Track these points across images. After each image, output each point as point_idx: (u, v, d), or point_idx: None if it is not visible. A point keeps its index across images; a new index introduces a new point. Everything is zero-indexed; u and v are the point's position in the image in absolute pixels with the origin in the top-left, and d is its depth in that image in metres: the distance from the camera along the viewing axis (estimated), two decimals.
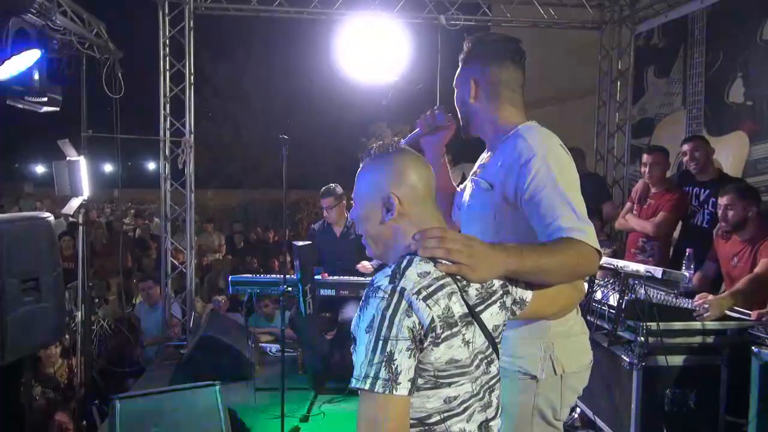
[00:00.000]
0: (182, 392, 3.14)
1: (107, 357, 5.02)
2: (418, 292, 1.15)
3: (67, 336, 4.51)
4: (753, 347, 2.60)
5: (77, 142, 4.45)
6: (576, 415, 3.48)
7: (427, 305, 1.14)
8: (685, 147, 3.83)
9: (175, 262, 5.59)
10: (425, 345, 1.15)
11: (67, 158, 4.18)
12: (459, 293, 1.22)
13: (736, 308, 2.99)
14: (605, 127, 6.26)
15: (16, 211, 8.35)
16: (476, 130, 1.77)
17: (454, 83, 1.78)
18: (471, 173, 1.80)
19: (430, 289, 1.16)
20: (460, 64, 1.76)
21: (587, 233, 1.44)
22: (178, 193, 5.50)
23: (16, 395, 3.31)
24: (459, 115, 1.80)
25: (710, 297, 2.83)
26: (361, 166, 1.36)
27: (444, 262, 1.21)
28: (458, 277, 1.23)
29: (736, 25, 4.50)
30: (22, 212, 4.89)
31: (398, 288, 1.14)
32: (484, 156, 1.79)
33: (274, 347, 5.06)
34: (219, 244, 9.75)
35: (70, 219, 4.35)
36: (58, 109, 3.75)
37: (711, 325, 2.81)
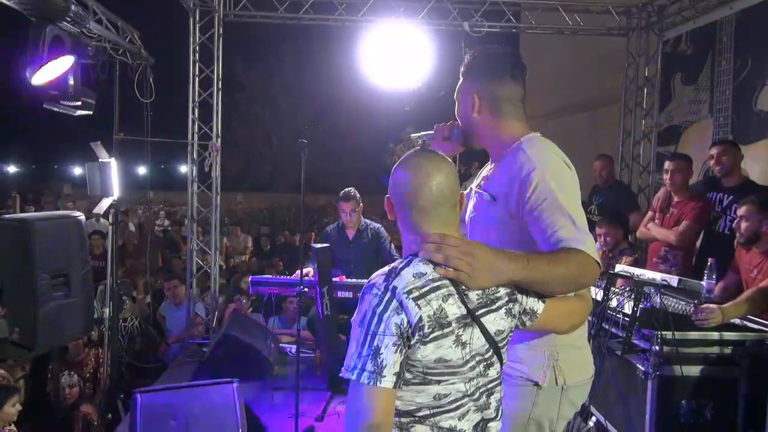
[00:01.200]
0: (201, 388, 3.22)
1: (134, 353, 5.17)
2: (410, 292, 1.20)
3: (95, 332, 4.67)
4: None
5: (109, 145, 4.62)
6: (592, 425, 3.45)
7: (417, 305, 1.20)
8: (714, 150, 3.77)
9: (201, 262, 5.72)
10: (413, 342, 1.20)
11: (99, 160, 4.35)
12: (457, 296, 1.25)
13: (755, 319, 2.94)
14: (631, 134, 6.18)
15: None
16: (479, 142, 1.79)
17: (455, 96, 1.81)
18: (475, 185, 1.82)
19: (423, 290, 1.21)
20: (461, 78, 1.79)
21: (587, 244, 1.46)
22: (206, 195, 5.65)
23: (44, 386, 3.47)
24: (461, 127, 1.82)
25: (712, 305, 2.79)
26: (393, 167, 1.42)
27: (442, 266, 1.25)
28: None
29: (765, 31, 4.41)
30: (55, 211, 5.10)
31: (390, 286, 1.21)
32: (488, 167, 1.82)
33: (294, 348, 5.14)
34: (245, 246, 9.92)
35: (107, 221, 4.51)
36: (91, 112, 3.91)
37: (729, 335, 2.77)
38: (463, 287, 1.26)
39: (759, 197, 3.19)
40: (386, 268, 1.27)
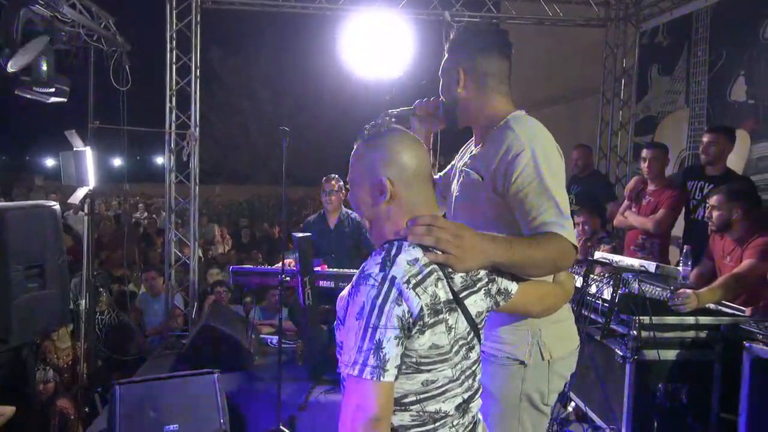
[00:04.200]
0: (181, 379, 3.20)
1: (110, 346, 5.09)
2: (408, 281, 1.16)
3: (71, 324, 4.59)
4: (745, 342, 2.61)
5: (84, 134, 4.52)
6: (571, 409, 3.50)
7: (417, 294, 1.16)
8: (705, 137, 3.80)
9: (179, 253, 5.65)
10: (413, 333, 1.17)
11: (74, 148, 4.25)
12: (445, 279, 1.23)
13: (728, 304, 3.01)
14: (609, 124, 6.26)
15: None
16: (463, 119, 1.77)
17: (440, 72, 1.78)
18: (461, 163, 1.81)
19: (419, 277, 1.18)
20: (446, 54, 1.76)
21: (567, 229, 1.48)
22: (183, 186, 5.56)
23: (19, 379, 3.40)
24: (445, 105, 1.79)
25: (688, 291, 2.85)
26: (354, 148, 1.36)
27: (433, 250, 1.23)
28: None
29: (739, 23, 4.50)
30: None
31: (389, 276, 1.16)
32: (473, 147, 1.80)
33: (275, 339, 5.12)
34: (214, 236, 9.81)
35: (82, 212, 4.41)
36: (65, 100, 3.82)
37: (704, 320, 2.83)
38: (448, 270, 1.25)
39: (729, 187, 3.25)
40: (378, 257, 1.22)
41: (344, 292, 1.26)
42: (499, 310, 1.44)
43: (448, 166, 1.95)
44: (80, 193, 4.29)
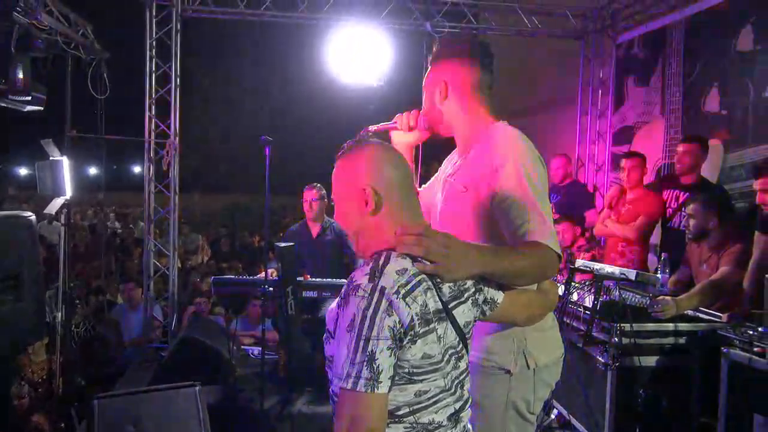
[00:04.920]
0: (162, 392, 3.13)
1: (87, 358, 4.98)
2: (398, 291, 1.16)
3: (47, 337, 4.48)
4: (722, 347, 2.66)
5: (61, 143, 4.44)
6: (554, 417, 3.53)
7: (407, 304, 1.16)
8: (680, 148, 3.89)
9: (159, 264, 5.57)
10: (404, 343, 1.17)
11: (50, 158, 4.17)
12: (434, 289, 1.23)
13: (706, 310, 3.07)
14: (587, 134, 6.36)
15: None
16: (447, 131, 1.79)
17: (424, 84, 1.80)
18: (445, 174, 1.82)
19: (408, 287, 1.18)
20: (429, 66, 1.79)
21: (551, 238, 1.50)
22: (162, 195, 5.49)
23: None
24: (428, 117, 1.81)
25: (667, 298, 2.91)
26: (335, 165, 1.36)
27: (422, 260, 1.23)
28: None
29: (712, 36, 4.62)
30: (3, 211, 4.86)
31: (378, 286, 1.15)
32: (456, 157, 1.82)
33: (257, 350, 5.06)
34: (197, 246, 9.71)
35: (59, 223, 4.33)
36: (41, 108, 3.75)
37: (683, 326, 2.88)
38: (437, 280, 1.25)
39: (705, 196, 3.33)
40: (366, 267, 1.21)
41: (333, 305, 1.25)
42: (485, 319, 1.45)
43: (432, 179, 1.95)
44: (57, 203, 4.20)
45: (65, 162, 4.20)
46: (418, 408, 1.23)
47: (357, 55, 5.43)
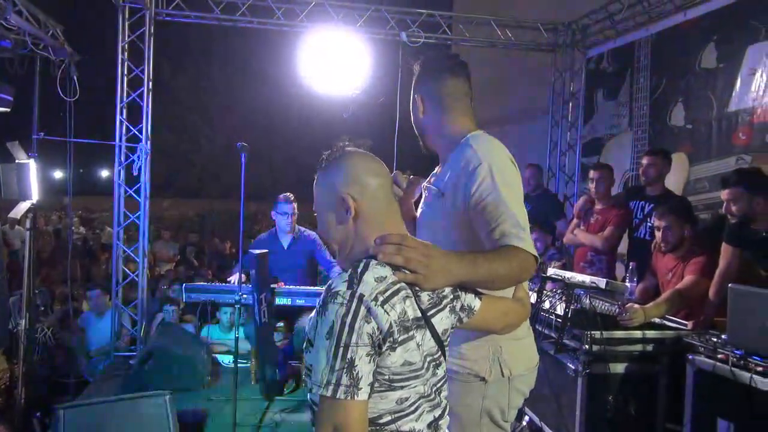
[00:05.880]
0: (131, 401, 3.06)
1: (50, 367, 4.84)
2: (376, 298, 1.16)
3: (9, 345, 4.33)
4: (688, 354, 2.74)
5: (28, 145, 4.33)
6: (525, 424, 3.57)
7: (385, 311, 1.17)
8: (644, 160, 3.98)
9: (127, 270, 5.45)
10: (383, 350, 1.17)
11: (17, 161, 4.07)
12: (413, 297, 1.24)
13: (672, 318, 3.16)
14: (557, 145, 6.50)
15: None
16: (430, 143, 1.84)
17: (410, 106, 1.86)
18: (426, 182, 1.85)
19: (387, 294, 1.18)
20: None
21: (526, 241, 1.52)
22: (132, 200, 5.39)
23: None
24: (417, 133, 1.87)
25: (636, 306, 2.99)
26: (315, 178, 1.37)
27: (401, 270, 1.24)
28: None
29: (677, 53, 4.79)
30: None
31: (357, 294, 1.16)
32: (437, 168, 1.85)
33: (228, 358, 4.99)
34: (174, 254, 9.56)
35: (22, 228, 4.21)
36: (8, 109, 3.66)
37: (651, 334, 2.96)
38: (415, 289, 1.26)
39: (673, 205, 3.42)
40: (345, 274, 1.21)
41: (312, 313, 1.25)
42: (462, 326, 1.46)
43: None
44: (22, 207, 4.09)
45: (32, 165, 4.10)
46: (400, 416, 1.23)
47: (333, 63, 5.45)
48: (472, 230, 1.62)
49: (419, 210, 1.83)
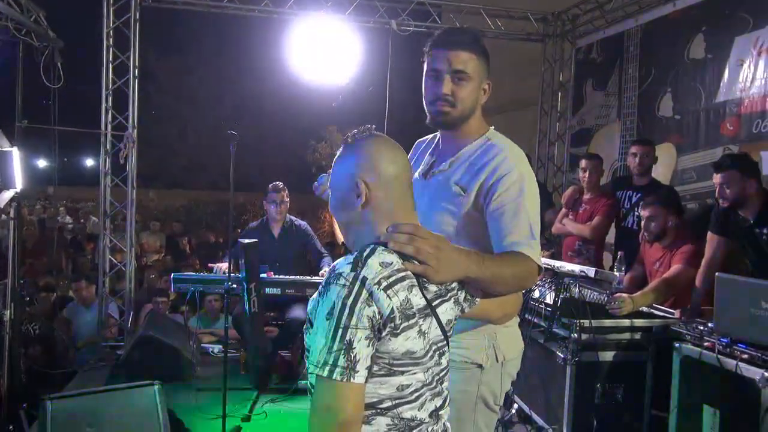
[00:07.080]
0: (119, 392, 3.04)
1: (36, 358, 4.79)
2: (379, 282, 1.16)
3: None
4: (674, 342, 2.78)
5: (11, 133, 4.25)
6: (514, 411, 3.60)
7: (387, 295, 1.16)
8: (637, 149, 3.98)
9: (114, 260, 5.40)
10: (384, 334, 1.17)
11: (0, 149, 3.99)
12: (419, 287, 1.24)
13: (660, 307, 3.20)
14: (546, 135, 6.51)
15: None
16: (459, 125, 1.77)
17: (467, 69, 1.81)
18: (434, 170, 1.79)
19: (391, 280, 1.18)
20: (473, 55, 1.84)
21: (534, 250, 1.57)
22: (118, 190, 5.32)
23: None
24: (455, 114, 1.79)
25: (624, 295, 3.02)
26: (337, 153, 1.36)
27: (411, 259, 1.23)
28: None
29: (666, 44, 4.80)
30: None
31: (360, 276, 1.15)
32: (439, 148, 1.83)
33: (217, 347, 4.97)
34: (162, 245, 9.50)
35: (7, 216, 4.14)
36: None
37: (638, 322, 2.99)
38: (423, 280, 1.26)
39: (659, 196, 3.45)
40: (350, 256, 1.21)
41: (315, 294, 1.24)
42: (463, 316, 1.47)
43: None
44: (5, 196, 4.01)
45: (15, 153, 4.02)
46: (401, 402, 1.23)
47: (322, 51, 5.40)
48: (479, 230, 1.65)
49: (427, 200, 1.77)
